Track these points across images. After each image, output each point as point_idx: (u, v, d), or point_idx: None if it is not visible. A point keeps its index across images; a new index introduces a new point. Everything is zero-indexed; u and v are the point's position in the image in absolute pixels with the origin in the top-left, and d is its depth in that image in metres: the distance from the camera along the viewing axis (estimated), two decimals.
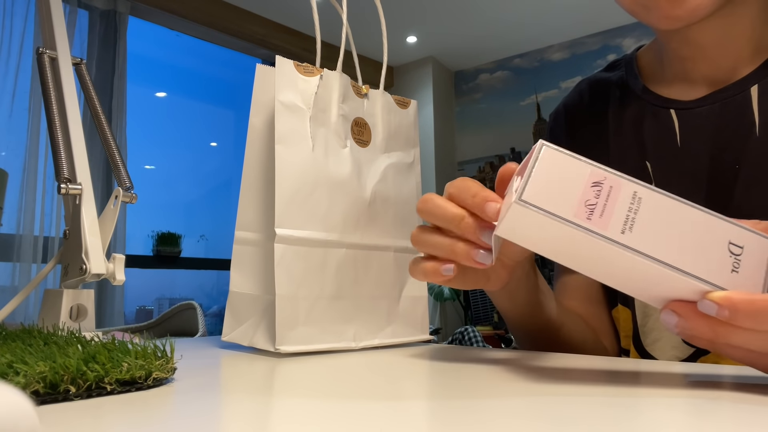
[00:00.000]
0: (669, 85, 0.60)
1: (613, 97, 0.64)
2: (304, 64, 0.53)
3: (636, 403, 0.28)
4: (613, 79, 0.65)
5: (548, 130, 0.72)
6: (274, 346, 0.47)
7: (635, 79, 0.63)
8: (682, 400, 0.29)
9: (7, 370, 0.28)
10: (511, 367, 0.41)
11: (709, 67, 0.57)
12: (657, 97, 0.60)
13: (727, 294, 0.28)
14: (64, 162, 0.52)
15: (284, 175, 0.49)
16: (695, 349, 0.55)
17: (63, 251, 0.52)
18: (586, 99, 0.68)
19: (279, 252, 0.48)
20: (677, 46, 0.58)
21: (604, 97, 0.65)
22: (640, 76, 0.63)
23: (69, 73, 0.56)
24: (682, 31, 0.56)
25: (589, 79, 0.69)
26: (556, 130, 0.70)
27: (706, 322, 0.28)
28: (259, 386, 0.34)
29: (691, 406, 0.28)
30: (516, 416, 0.26)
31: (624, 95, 0.63)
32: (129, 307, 3.48)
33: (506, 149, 4.12)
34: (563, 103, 0.71)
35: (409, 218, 0.59)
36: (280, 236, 0.48)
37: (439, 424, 0.25)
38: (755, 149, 0.53)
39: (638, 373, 0.40)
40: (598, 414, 0.26)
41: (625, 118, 0.62)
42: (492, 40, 3.96)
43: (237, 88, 4.35)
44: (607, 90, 0.66)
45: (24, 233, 2.51)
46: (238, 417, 0.26)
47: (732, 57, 0.56)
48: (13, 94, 2.56)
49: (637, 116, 0.61)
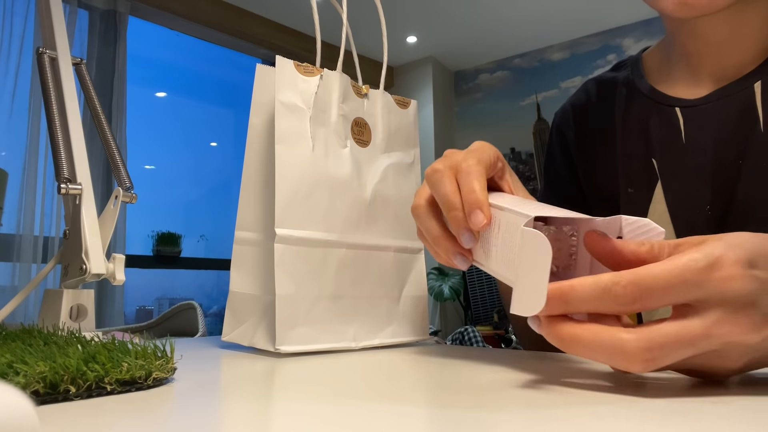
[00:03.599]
0: (675, 84, 0.61)
1: (620, 96, 0.65)
2: (304, 64, 0.53)
3: (634, 406, 0.28)
4: (620, 79, 0.66)
5: (555, 129, 0.73)
6: (274, 346, 0.47)
7: (641, 78, 0.64)
8: (685, 402, 0.29)
9: (7, 370, 0.28)
10: (511, 367, 0.41)
11: (716, 65, 0.57)
12: (662, 96, 0.61)
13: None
14: (64, 162, 0.52)
15: (284, 175, 0.49)
16: None
17: (63, 251, 0.52)
18: (594, 98, 0.68)
19: (279, 252, 0.48)
20: (685, 40, 0.59)
21: (611, 96, 0.66)
22: (646, 76, 0.64)
23: (69, 73, 0.56)
24: (692, 24, 0.56)
25: (596, 78, 0.70)
26: (563, 128, 0.71)
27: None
28: (259, 386, 0.34)
29: (694, 407, 0.28)
30: (516, 416, 0.26)
31: (630, 94, 0.64)
32: (129, 307, 3.48)
33: (506, 149, 4.12)
34: (570, 103, 0.71)
35: (409, 218, 0.59)
36: (280, 236, 0.48)
37: (439, 425, 0.25)
38: (759, 144, 0.53)
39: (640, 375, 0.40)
40: (597, 414, 0.26)
41: (632, 116, 0.63)
42: (492, 40, 3.95)
43: (237, 88, 4.35)
44: (614, 89, 0.66)
45: (24, 233, 2.51)
46: (237, 417, 0.26)
47: (738, 55, 0.56)
48: (13, 94, 2.56)
49: (643, 115, 0.62)
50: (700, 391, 0.31)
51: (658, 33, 0.74)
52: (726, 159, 0.55)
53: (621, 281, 0.30)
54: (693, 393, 0.31)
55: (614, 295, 0.30)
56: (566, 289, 0.31)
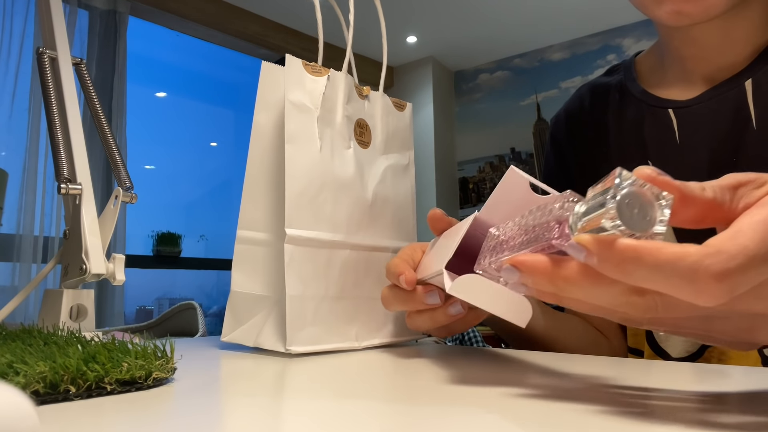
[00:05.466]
0: (668, 87, 0.61)
1: (613, 100, 0.66)
2: (311, 63, 0.52)
3: (631, 407, 0.28)
4: (613, 83, 0.67)
5: (549, 136, 0.74)
6: (284, 346, 0.47)
7: (633, 82, 0.64)
8: (688, 404, 0.29)
9: (7, 370, 0.28)
10: (511, 367, 0.41)
11: (710, 67, 0.58)
12: (655, 99, 0.61)
13: (596, 237, 0.24)
14: (64, 162, 0.52)
15: (294, 175, 0.49)
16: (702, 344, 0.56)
17: (63, 251, 0.52)
18: (587, 104, 0.69)
19: (289, 252, 0.48)
20: (679, 45, 0.59)
21: (604, 101, 0.67)
22: (639, 79, 0.65)
23: (69, 73, 0.56)
24: (686, 30, 0.57)
25: (589, 84, 0.71)
26: (558, 135, 0.72)
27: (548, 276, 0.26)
28: (259, 386, 0.34)
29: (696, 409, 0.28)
30: (516, 416, 0.26)
31: (623, 98, 0.65)
32: (129, 307, 3.47)
33: (506, 149, 4.12)
34: (564, 109, 0.72)
35: (405, 220, 0.59)
36: (291, 236, 0.48)
37: (439, 425, 0.25)
38: (752, 142, 0.54)
39: (646, 374, 0.40)
40: (595, 415, 0.26)
41: (625, 120, 0.63)
42: (492, 40, 3.95)
43: (237, 88, 4.35)
44: (607, 94, 0.67)
45: (24, 233, 2.51)
46: (238, 417, 0.26)
47: (731, 57, 0.57)
48: (13, 94, 2.56)
49: (637, 118, 0.62)
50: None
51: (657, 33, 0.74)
52: (720, 157, 0.55)
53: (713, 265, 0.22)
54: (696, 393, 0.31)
55: (696, 284, 0.22)
56: (631, 250, 0.23)
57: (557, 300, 0.27)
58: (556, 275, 0.25)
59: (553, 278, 0.26)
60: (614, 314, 0.27)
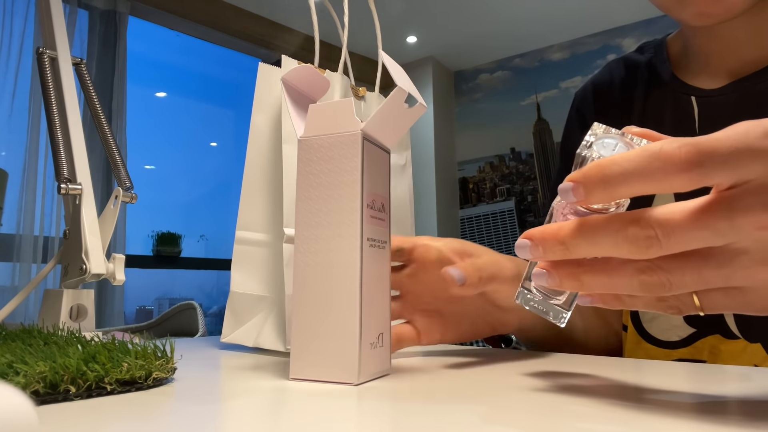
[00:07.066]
0: (694, 74, 0.61)
1: (641, 78, 0.66)
2: (307, 64, 0.52)
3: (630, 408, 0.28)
4: (643, 62, 0.67)
5: (574, 110, 0.73)
6: (284, 346, 0.47)
7: (663, 64, 0.64)
8: (687, 405, 0.29)
9: (7, 370, 0.28)
10: (512, 367, 0.41)
11: (735, 62, 0.58)
12: (681, 84, 0.61)
13: (577, 170, 0.27)
14: (64, 162, 0.52)
15: (292, 175, 0.49)
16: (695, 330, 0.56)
17: (63, 251, 0.52)
18: (617, 78, 0.69)
19: (288, 252, 0.48)
20: (703, 42, 0.59)
21: (633, 78, 0.67)
22: (669, 62, 0.64)
23: (69, 73, 0.56)
24: (709, 28, 0.57)
25: (622, 58, 0.71)
26: (583, 109, 0.71)
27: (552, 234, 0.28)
28: (259, 386, 0.34)
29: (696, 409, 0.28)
30: (516, 415, 0.26)
31: (651, 78, 0.65)
32: (129, 307, 3.47)
33: (506, 149, 4.12)
34: (592, 81, 0.72)
35: (403, 219, 0.59)
36: (289, 236, 0.48)
37: (438, 425, 0.25)
38: None
39: (640, 373, 0.40)
40: (595, 415, 0.26)
41: (650, 100, 0.64)
42: (492, 40, 3.95)
43: (237, 88, 4.35)
44: (636, 71, 0.67)
45: (24, 233, 2.51)
46: (237, 417, 0.26)
47: (757, 51, 0.56)
48: (13, 94, 2.56)
49: (661, 100, 0.63)
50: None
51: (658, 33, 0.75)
52: None
53: (675, 143, 0.24)
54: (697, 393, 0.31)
55: (664, 158, 0.24)
56: (605, 163, 0.26)
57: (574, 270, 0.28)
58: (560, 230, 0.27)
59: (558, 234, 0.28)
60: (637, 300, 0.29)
